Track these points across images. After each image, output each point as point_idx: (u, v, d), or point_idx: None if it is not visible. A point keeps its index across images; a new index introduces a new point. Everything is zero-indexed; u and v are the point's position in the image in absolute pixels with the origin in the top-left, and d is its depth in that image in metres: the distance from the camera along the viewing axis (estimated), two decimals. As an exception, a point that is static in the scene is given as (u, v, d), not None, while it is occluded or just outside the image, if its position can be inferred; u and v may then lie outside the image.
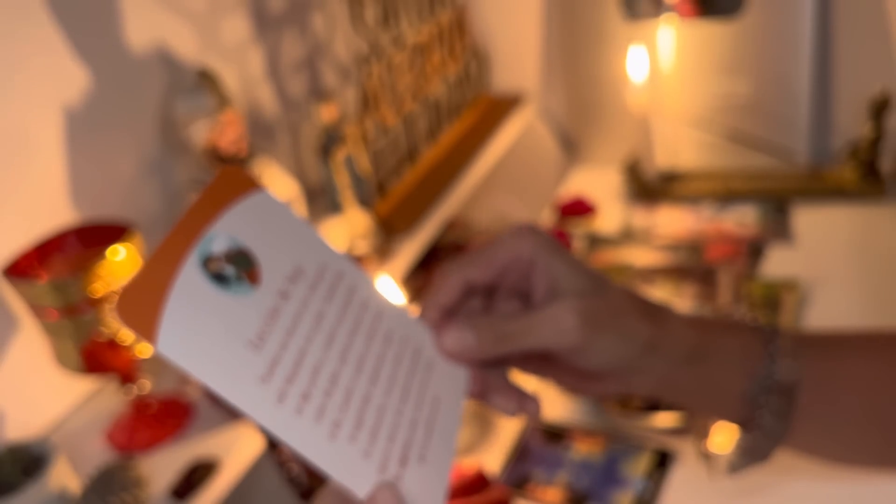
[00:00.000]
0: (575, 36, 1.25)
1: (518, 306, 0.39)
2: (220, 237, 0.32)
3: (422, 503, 0.32)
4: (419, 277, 1.05)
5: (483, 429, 0.86)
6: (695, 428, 0.78)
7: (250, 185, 0.34)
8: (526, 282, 0.38)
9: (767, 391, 0.38)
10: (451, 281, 0.37)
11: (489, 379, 0.38)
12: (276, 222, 0.35)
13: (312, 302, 0.34)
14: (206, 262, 0.31)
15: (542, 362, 0.39)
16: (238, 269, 0.32)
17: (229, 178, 0.34)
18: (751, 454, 0.40)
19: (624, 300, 0.37)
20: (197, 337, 0.29)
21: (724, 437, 0.75)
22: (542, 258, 0.37)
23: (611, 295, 0.37)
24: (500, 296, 0.39)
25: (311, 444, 0.30)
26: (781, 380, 0.38)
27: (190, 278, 0.30)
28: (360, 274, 0.37)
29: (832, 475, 0.71)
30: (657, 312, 0.38)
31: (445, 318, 0.37)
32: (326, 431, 0.31)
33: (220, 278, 0.31)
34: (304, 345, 0.32)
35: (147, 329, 0.28)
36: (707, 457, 0.76)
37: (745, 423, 0.39)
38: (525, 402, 0.38)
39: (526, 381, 0.39)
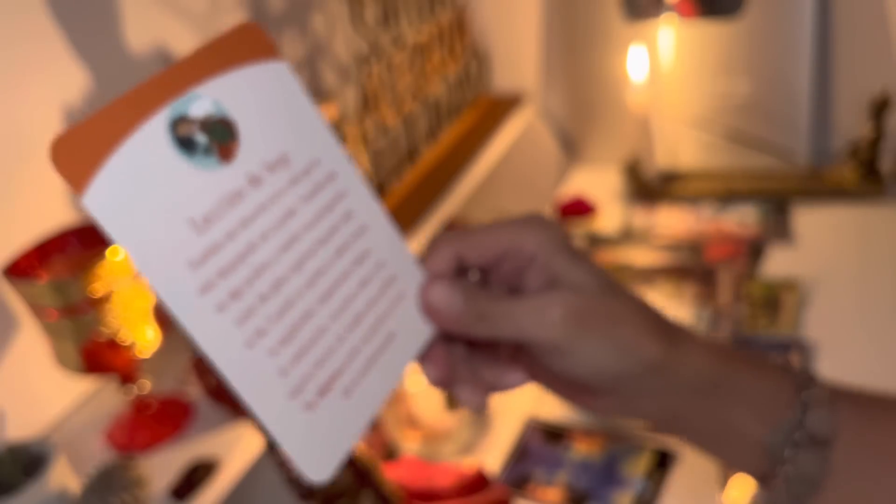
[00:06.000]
0: (575, 36, 1.25)
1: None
2: (203, 99, 0.28)
3: (328, 439, 0.29)
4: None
5: (483, 429, 0.86)
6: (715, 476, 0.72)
7: (268, 50, 0.30)
8: (518, 277, 0.35)
9: (795, 444, 0.33)
10: (442, 251, 0.34)
11: (459, 368, 0.35)
12: (279, 100, 0.30)
13: (286, 196, 0.30)
14: (177, 122, 0.27)
15: (532, 364, 0.36)
16: (211, 139, 0.28)
17: (245, 35, 0.29)
18: None
19: (631, 310, 0.33)
20: (133, 199, 0.26)
21: (741, 491, 0.67)
22: (544, 254, 0.34)
23: (615, 301, 0.33)
24: (491, 282, 0.36)
25: (221, 345, 0.27)
26: (814, 433, 0.33)
27: (151, 135, 0.27)
28: (356, 182, 0.33)
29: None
30: (672, 332, 0.34)
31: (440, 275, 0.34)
32: (244, 337, 0.28)
33: (186, 143, 0.27)
34: (257, 241, 0.29)
35: (79, 175, 0.25)
36: None
37: (765, 478, 0.34)
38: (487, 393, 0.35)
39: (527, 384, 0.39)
